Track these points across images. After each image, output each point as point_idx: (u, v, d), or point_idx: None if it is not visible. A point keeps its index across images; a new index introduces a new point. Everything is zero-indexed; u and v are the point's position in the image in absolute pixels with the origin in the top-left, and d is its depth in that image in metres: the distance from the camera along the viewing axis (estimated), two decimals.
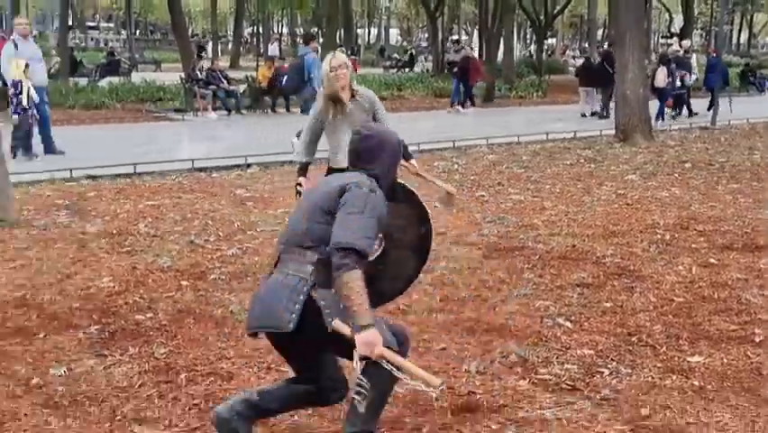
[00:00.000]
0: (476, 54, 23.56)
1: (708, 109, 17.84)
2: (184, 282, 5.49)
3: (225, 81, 18.38)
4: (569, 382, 3.93)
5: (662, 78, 17.54)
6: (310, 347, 3.09)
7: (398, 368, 2.88)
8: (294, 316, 2.91)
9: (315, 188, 3.28)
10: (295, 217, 3.18)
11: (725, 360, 4.22)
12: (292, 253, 3.03)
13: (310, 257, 2.97)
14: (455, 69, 20.44)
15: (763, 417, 3.60)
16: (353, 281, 2.79)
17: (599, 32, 44.41)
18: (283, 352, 3.25)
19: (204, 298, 5.20)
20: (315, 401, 3.30)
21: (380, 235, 3.23)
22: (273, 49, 37.42)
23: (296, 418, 3.57)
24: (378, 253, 3.29)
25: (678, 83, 18.36)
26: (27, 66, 10.51)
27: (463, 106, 19.78)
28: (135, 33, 48.62)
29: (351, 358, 2.93)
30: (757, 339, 4.50)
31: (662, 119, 17.23)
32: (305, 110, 12.33)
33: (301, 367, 3.23)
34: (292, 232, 3.11)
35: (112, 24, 65.87)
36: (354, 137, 3.29)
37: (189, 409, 3.67)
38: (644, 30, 15.43)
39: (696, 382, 3.94)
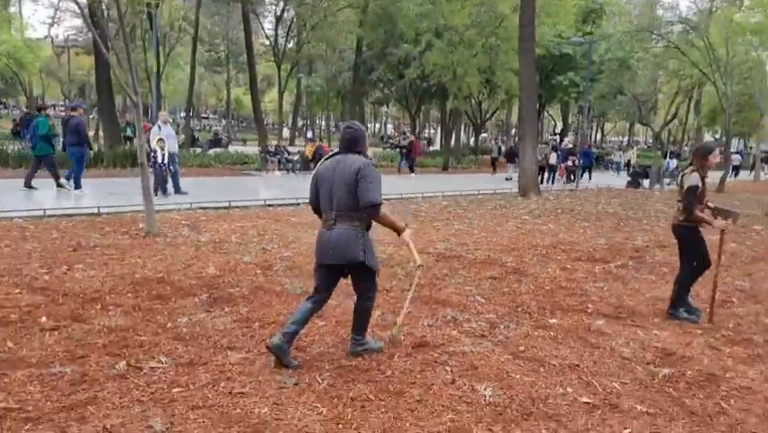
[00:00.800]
0: (416, 139, 23.15)
1: (581, 178, 18.49)
2: (258, 271, 5.68)
3: (286, 152, 18.67)
4: (480, 332, 4.17)
5: (554, 158, 18.43)
6: (358, 271, 3.49)
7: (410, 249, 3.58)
8: (363, 252, 3.41)
9: (335, 171, 3.42)
10: (331, 191, 3.41)
11: (570, 322, 4.47)
12: (344, 214, 3.42)
13: (357, 216, 3.42)
14: (404, 150, 20.52)
15: (587, 351, 3.85)
16: (386, 214, 3.42)
17: (513, 130, 45.19)
18: (329, 277, 3.54)
19: (270, 280, 5.39)
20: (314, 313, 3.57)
21: None
22: (309, 134, 37.10)
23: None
24: None
25: (570, 162, 19.29)
26: (161, 140, 10.54)
27: (411, 172, 19.61)
28: (231, 121, 48.99)
29: (361, 283, 3.51)
30: (589, 310, 4.76)
31: (552, 183, 17.82)
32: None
33: (330, 287, 3.55)
34: (339, 203, 3.40)
35: (216, 115, 66.18)
36: (349, 129, 3.50)
37: (260, 342, 3.88)
38: (537, 130, 15.80)
39: (552, 333, 4.19)
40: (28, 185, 10.24)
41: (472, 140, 42.51)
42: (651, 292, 5.47)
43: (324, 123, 56.54)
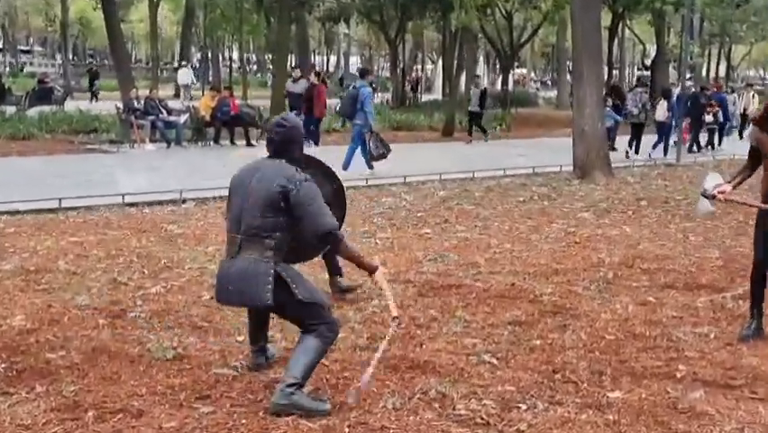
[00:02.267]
0: (321, 82, 21.25)
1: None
2: (101, 321, 5.69)
3: (165, 111, 18.65)
4: (483, 417, 4.22)
5: (662, 113, 18.66)
6: (287, 311, 4.41)
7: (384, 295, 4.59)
8: (269, 293, 4.18)
9: (251, 182, 4.27)
10: (241, 209, 4.27)
11: (643, 395, 4.55)
12: (252, 241, 4.23)
13: (268, 244, 4.21)
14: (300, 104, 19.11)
15: None
16: (348, 246, 4.40)
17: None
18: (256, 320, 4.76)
19: (121, 336, 5.41)
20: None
21: None
22: (184, 76, 36.49)
23: None
24: None
25: (710, 117, 20.46)
26: None
27: (314, 143, 18.75)
28: (71, 58, 48.65)
29: (303, 322, 4.36)
30: (679, 375, 4.85)
31: (665, 154, 18.32)
32: (356, 136, 14.42)
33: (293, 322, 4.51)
34: (247, 225, 4.23)
35: (45, 48, 65.82)
36: (278, 129, 4.35)
37: None
38: (603, 62, 16.05)
39: (611, 417, 4.26)
40: None
41: (499, 81, 42.97)
42: None
43: (235, 55, 56.65)
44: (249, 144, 19.21)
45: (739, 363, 5.11)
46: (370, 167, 14.09)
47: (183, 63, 40.01)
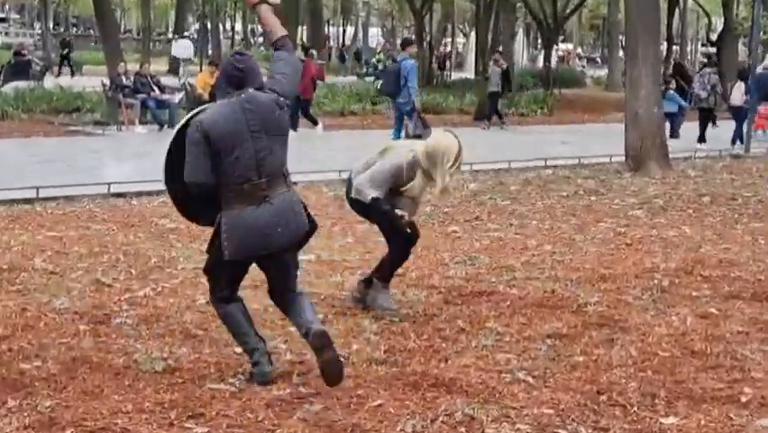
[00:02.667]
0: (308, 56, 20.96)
1: None
2: (82, 327, 5.73)
3: (158, 89, 18.76)
4: None
5: (738, 96, 18.77)
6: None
7: None
8: (305, 218, 5.08)
9: (254, 124, 4.73)
10: (256, 153, 4.71)
11: (702, 422, 4.53)
12: (277, 180, 4.81)
13: (286, 174, 4.91)
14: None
15: None
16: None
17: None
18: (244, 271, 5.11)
19: (104, 345, 5.45)
20: None
21: None
22: (182, 49, 35.83)
23: None
24: None
25: None
26: None
27: (314, 124, 19.39)
28: (52, 27, 49.00)
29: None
30: (744, 399, 4.83)
31: (740, 142, 18.21)
32: (401, 115, 15.06)
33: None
34: (272, 166, 4.77)
35: (22, 16, 66.36)
36: (242, 57, 5.00)
37: None
38: (660, 36, 15.97)
39: None
40: None
41: (540, 58, 42.87)
42: None
43: (238, 26, 56.94)
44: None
45: None
46: None
47: (185, 34, 40.21)
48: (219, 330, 5.71)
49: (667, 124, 18.42)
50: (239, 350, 5.38)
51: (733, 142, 18.34)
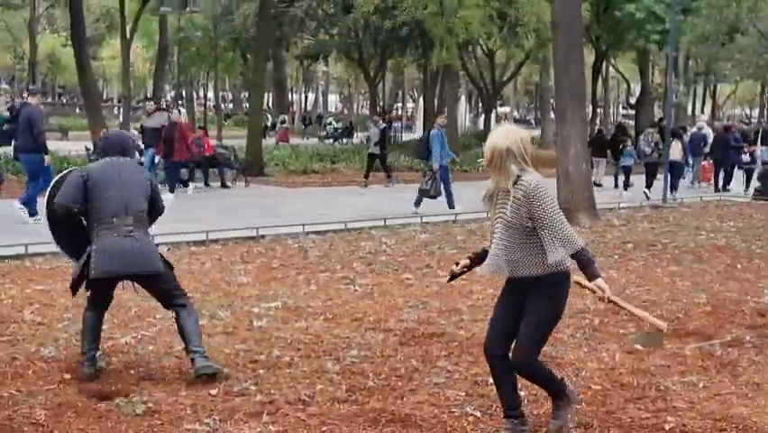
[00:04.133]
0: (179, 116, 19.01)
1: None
2: (67, 375, 5.64)
3: (138, 153, 18.60)
4: None
5: (677, 152, 19.70)
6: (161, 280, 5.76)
7: None
8: (159, 262, 5.70)
9: (126, 176, 5.72)
10: (125, 197, 5.62)
11: None
12: (141, 222, 5.67)
13: (146, 223, 5.77)
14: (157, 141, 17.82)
15: None
16: None
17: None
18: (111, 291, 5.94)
19: (88, 390, 5.35)
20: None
21: None
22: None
23: None
24: None
25: (746, 157, 21.71)
26: None
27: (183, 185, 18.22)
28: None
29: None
30: (667, 427, 4.86)
31: (674, 191, 19.28)
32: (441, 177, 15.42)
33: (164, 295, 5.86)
34: (135, 209, 5.64)
35: (12, 86, 65.71)
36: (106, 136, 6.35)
37: None
38: (585, 102, 16.32)
39: None
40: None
41: (481, 120, 43.37)
42: None
43: (211, 94, 56.94)
44: (224, 186, 19.22)
45: (728, 413, 5.13)
46: (417, 204, 15.12)
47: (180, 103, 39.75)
48: (194, 373, 5.65)
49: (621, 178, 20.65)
50: (213, 391, 5.34)
51: (672, 190, 19.13)
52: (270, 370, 5.82)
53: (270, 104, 49.37)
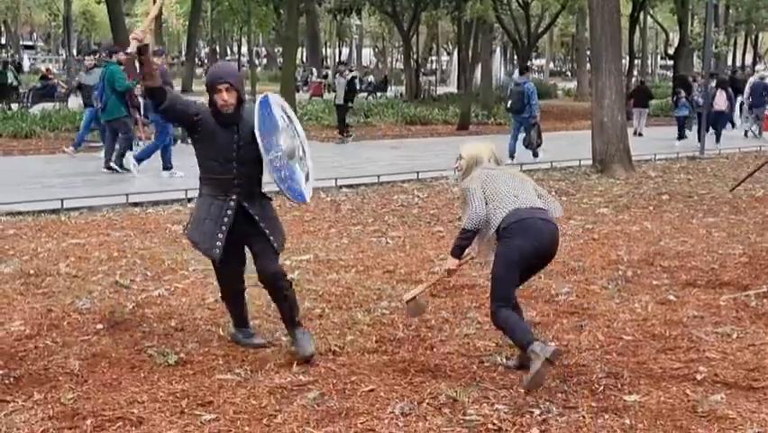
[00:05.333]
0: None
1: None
2: (100, 326, 5.71)
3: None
4: (495, 423, 4.21)
5: (722, 102, 19.91)
6: None
7: None
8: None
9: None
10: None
11: (662, 398, 4.52)
12: None
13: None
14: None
15: None
16: None
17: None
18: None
19: (122, 340, 5.43)
20: None
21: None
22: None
23: None
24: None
25: None
26: None
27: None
28: (75, 53, 48.87)
29: None
30: (699, 377, 4.82)
31: (718, 141, 19.53)
32: (519, 126, 16.43)
33: None
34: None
35: (49, 43, 66.09)
36: None
37: None
38: (622, 50, 16.03)
39: (627, 421, 4.23)
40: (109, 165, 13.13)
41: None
42: None
43: (245, 49, 56.77)
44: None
45: (762, 363, 5.08)
46: (536, 155, 15.90)
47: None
48: (227, 326, 5.69)
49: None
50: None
51: (716, 141, 19.43)
52: (301, 321, 5.84)
53: (304, 58, 49.10)
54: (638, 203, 11.10)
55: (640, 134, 21.45)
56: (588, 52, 39.49)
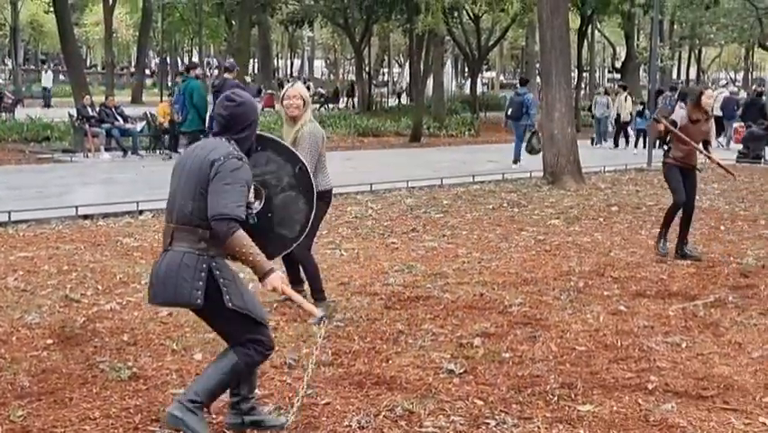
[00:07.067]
0: None
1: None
2: (51, 341, 5.60)
3: (121, 119, 18.48)
4: None
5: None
6: (215, 319, 4.00)
7: (292, 300, 3.98)
8: (199, 291, 3.80)
9: (187, 162, 3.94)
10: (176, 194, 3.91)
11: (615, 408, 4.57)
12: (184, 231, 3.84)
13: (202, 234, 3.81)
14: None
15: None
16: (242, 240, 3.73)
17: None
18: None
19: (73, 355, 5.33)
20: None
21: (258, 189, 4.24)
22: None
23: None
24: (259, 206, 4.19)
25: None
26: None
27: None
28: (22, 63, 48.10)
29: (230, 335, 3.99)
30: (650, 386, 4.89)
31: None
32: (520, 133, 17.51)
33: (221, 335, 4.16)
34: (179, 211, 3.87)
35: None
36: (228, 103, 3.97)
37: None
38: (570, 65, 16.26)
39: (582, 431, 4.28)
40: None
41: (467, 86, 43.18)
42: (763, 350, 5.64)
43: (196, 60, 56.35)
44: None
45: (711, 372, 5.17)
46: (517, 162, 17.11)
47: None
48: (180, 339, 5.63)
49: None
50: (198, 356, 5.31)
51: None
52: None
53: (256, 70, 48.91)
54: (589, 214, 11.24)
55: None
56: (537, 65, 40.04)
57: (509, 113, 18.28)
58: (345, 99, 40.66)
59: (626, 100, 23.37)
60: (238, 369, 3.96)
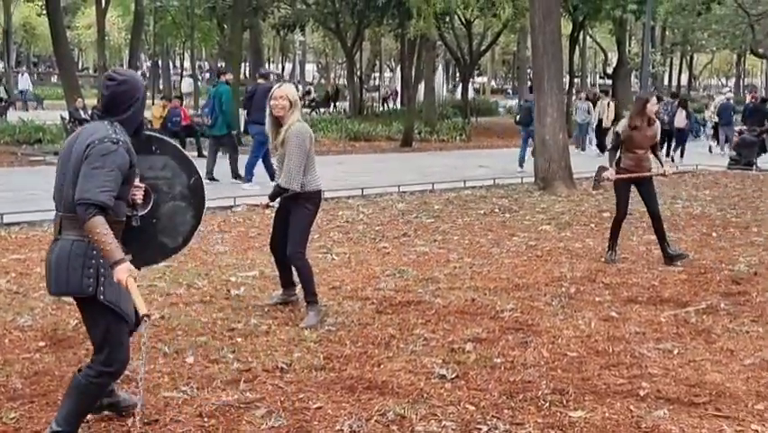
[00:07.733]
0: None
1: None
2: (42, 343, 5.59)
3: None
4: None
5: (682, 120, 21.25)
6: (87, 312, 3.92)
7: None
8: (92, 280, 3.75)
9: (72, 149, 3.82)
10: (62, 181, 3.84)
11: (606, 414, 4.59)
12: (72, 219, 3.75)
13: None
14: None
15: None
16: (96, 225, 3.58)
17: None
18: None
19: (65, 358, 5.32)
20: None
21: (148, 191, 4.14)
22: (187, 85, 36.89)
23: None
24: (144, 210, 4.08)
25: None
26: None
27: None
28: (15, 65, 47.96)
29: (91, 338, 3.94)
30: (642, 393, 4.90)
31: (681, 156, 20.97)
32: (527, 138, 17.83)
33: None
34: (66, 198, 3.79)
35: None
36: (108, 82, 3.86)
37: None
38: (562, 71, 16.31)
39: None
40: (211, 176, 14.06)
41: (459, 91, 43.25)
42: (755, 357, 5.66)
43: (188, 64, 56.32)
44: (200, 155, 19.05)
45: (702, 379, 5.18)
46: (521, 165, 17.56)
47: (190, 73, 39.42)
48: (172, 342, 5.63)
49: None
50: (190, 360, 5.31)
51: (681, 155, 21.06)
52: (248, 338, 5.80)
53: (248, 74, 48.97)
54: (580, 220, 11.27)
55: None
56: (529, 71, 40.14)
57: (519, 118, 18.77)
58: (332, 103, 40.65)
59: (608, 106, 23.08)
60: (91, 394, 3.98)
